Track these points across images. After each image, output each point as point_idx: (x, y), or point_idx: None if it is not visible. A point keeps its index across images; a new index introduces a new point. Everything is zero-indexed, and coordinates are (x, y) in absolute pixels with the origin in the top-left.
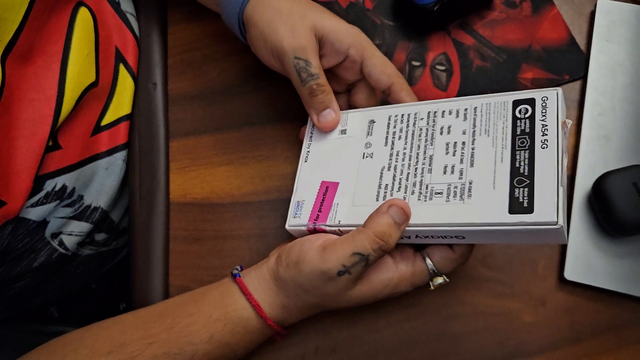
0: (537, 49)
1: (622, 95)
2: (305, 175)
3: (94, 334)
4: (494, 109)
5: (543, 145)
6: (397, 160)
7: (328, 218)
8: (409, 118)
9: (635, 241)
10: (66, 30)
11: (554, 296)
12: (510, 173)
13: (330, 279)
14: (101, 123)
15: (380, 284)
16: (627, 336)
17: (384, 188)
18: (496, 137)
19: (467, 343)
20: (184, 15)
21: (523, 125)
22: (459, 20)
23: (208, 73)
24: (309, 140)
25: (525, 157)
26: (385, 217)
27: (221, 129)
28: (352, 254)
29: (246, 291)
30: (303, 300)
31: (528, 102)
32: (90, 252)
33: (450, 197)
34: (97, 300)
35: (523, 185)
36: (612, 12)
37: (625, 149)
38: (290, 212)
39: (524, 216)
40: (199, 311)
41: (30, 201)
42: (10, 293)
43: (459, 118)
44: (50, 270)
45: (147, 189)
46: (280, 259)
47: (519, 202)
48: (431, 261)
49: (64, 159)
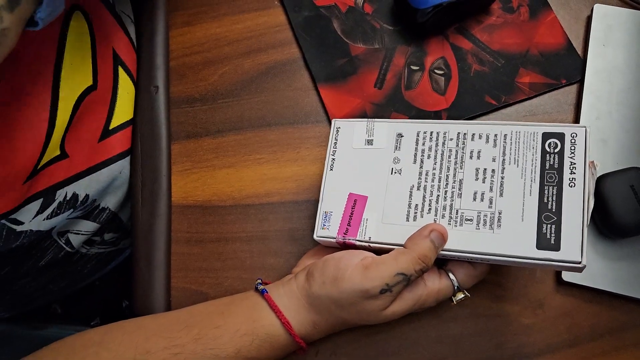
0: (535, 54)
1: (618, 99)
2: (331, 184)
3: (115, 338)
4: (524, 138)
5: (571, 184)
6: (426, 180)
7: (358, 233)
8: (438, 137)
9: (633, 243)
10: (59, 35)
11: (552, 298)
12: (539, 208)
13: (372, 296)
14: (109, 127)
15: (412, 301)
16: (625, 338)
17: (414, 208)
18: (525, 169)
19: (465, 345)
20: (185, 19)
21: (552, 160)
22: (457, 24)
23: (209, 76)
24: (334, 147)
25: (553, 194)
26: (427, 241)
27: (222, 132)
28: (396, 274)
29: (276, 309)
30: (335, 317)
31: (557, 137)
32: (98, 250)
33: (480, 225)
34: (100, 297)
35: (550, 222)
36: (608, 16)
37: (622, 152)
38: (318, 223)
39: (551, 253)
40: (226, 324)
41: (45, 213)
42: (16, 288)
43: (488, 144)
44: (57, 269)
45: (149, 192)
46: (312, 276)
47: (547, 238)
48: (455, 277)
49: (72, 167)
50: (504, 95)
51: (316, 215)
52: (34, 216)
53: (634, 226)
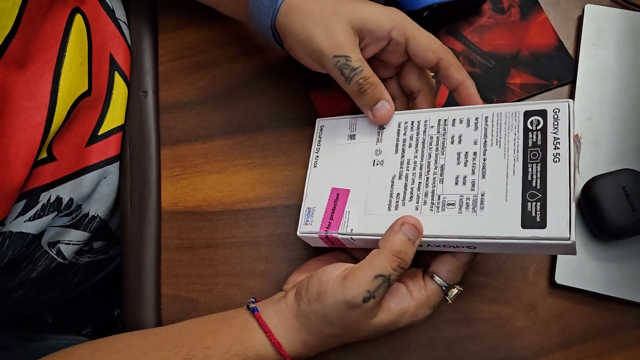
0: (526, 54)
1: (610, 100)
2: (315, 181)
3: (103, 357)
4: (505, 119)
5: (555, 159)
6: (408, 168)
7: (340, 226)
8: (419, 125)
9: (625, 245)
10: (61, 37)
11: (544, 301)
12: (523, 186)
13: (355, 306)
14: (98, 132)
15: (399, 313)
16: (617, 340)
17: (396, 197)
18: (507, 149)
19: (458, 349)
20: (175, 22)
21: (535, 138)
22: (447, 26)
23: (199, 80)
24: (317, 145)
25: (537, 171)
26: (399, 235)
27: (212, 137)
28: (375, 277)
29: (267, 329)
30: (326, 335)
31: (540, 114)
32: (88, 259)
33: (463, 208)
34: (92, 306)
35: (535, 200)
36: (599, 17)
37: (614, 153)
38: (302, 219)
39: (537, 231)
40: (216, 344)
41: (27, 215)
42: (9, 302)
43: (469, 127)
44: (48, 280)
45: (138, 198)
46: (300, 296)
47: (532, 216)
48: (440, 278)
49: (59, 170)
50: (495, 96)
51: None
52: (15, 217)
53: (625, 228)
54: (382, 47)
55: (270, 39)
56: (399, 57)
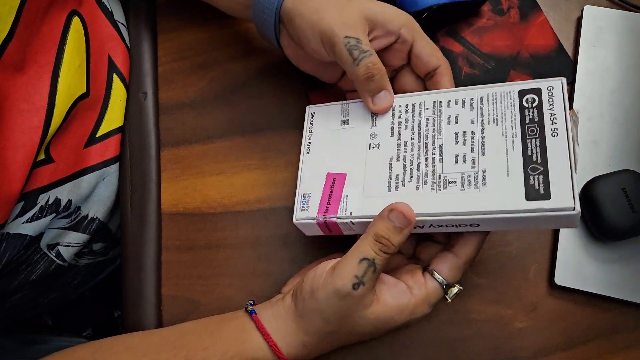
0: (525, 56)
1: (610, 101)
2: (309, 167)
3: (104, 357)
4: (500, 98)
5: (553, 134)
6: (405, 150)
7: (339, 210)
8: (414, 108)
9: (625, 246)
10: (59, 40)
11: (545, 302)
12: (524, 161)
13: (346, 295)
14: (96, 134)
15: (397, 308)
16: (618, 341)
17: (395, 178)
18: (505, 126)
19: (459, 350)
20: (174, 24)
21: (531, 115)
22: (447, 27)
23: (198, 82)
24: (309, 131)
25: (537, 145)
26: (384, 220)
27: (212, 138)
28: (360, 261)
29: (264, 332)
30: (324, 334)
31: (534, 92)
32: (87, 261)
33: (465, 185)
34: (92, 307)
35: (537, 173)
36: (598, 18)
37: (614, 154)
38: (297, 206)
39: (542, 202)
40: (214, 345)
41: (25, 217)
42: (8, 305)
43: (465, 107)
44: (48, 282)
45: (138, 199)
46: (296, 296)
47: (535, 189)
48: (440, 276)
49: (57, 172)
50: None
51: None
52: (13, 219)
53: (625, 229)
54: (389, 44)
55: (270, 26)
56: (400, 59)
